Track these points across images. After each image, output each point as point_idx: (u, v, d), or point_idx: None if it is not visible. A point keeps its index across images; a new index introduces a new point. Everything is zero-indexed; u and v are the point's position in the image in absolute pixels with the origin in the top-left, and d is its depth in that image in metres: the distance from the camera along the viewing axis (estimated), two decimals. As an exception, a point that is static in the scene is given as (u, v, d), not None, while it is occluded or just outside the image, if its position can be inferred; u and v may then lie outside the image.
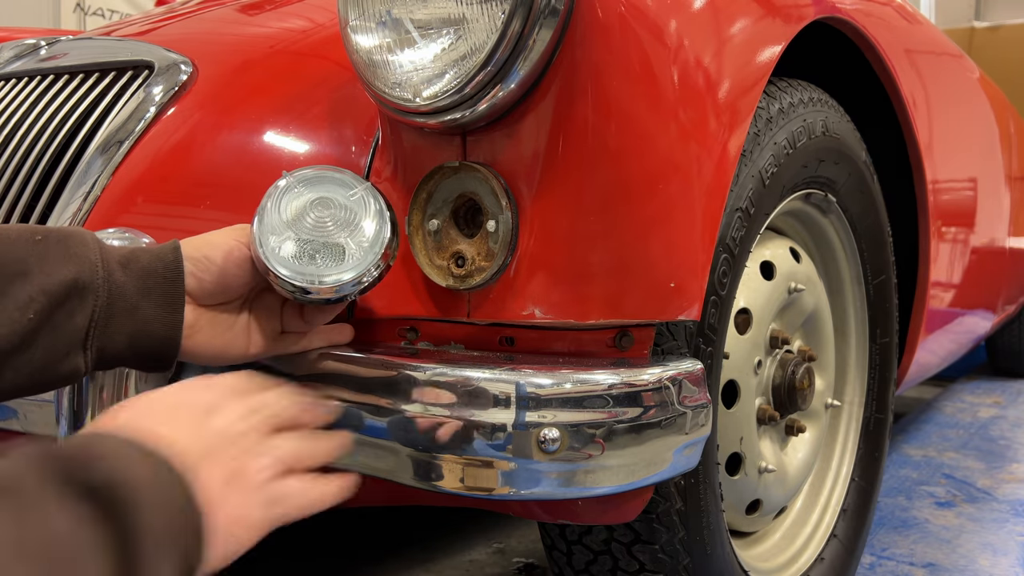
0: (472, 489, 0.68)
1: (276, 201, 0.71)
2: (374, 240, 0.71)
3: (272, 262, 0.69)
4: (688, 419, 0.74)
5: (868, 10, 1.24)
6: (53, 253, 0.64)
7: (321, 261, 0.70)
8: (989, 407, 2.88)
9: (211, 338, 0.71)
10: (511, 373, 0.67)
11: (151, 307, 0.68)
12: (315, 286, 0.69)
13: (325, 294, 0.69)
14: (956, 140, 1.66)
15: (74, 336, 0.65)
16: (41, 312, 0.63)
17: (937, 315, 1.63)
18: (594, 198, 0.71)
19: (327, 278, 0.69)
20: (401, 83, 0.72)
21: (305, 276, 0.69)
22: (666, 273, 0.74)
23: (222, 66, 0.97)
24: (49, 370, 0.65)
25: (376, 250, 0.70)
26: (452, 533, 1.64)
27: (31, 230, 0.65)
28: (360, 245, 0.70)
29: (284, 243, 0.70)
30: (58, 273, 0.64)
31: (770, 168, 0.94)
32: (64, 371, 0.65)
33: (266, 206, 0.71)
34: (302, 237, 0.70)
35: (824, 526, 1.26)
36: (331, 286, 0.69)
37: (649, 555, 0.87)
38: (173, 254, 0.69)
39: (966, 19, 5.99)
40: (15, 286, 0.62)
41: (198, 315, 0.71)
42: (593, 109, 0.70)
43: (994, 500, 1.88)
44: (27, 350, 0.63)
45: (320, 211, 0.71)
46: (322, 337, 0.76)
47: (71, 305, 0.64)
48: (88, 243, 0.67)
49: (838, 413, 1.32)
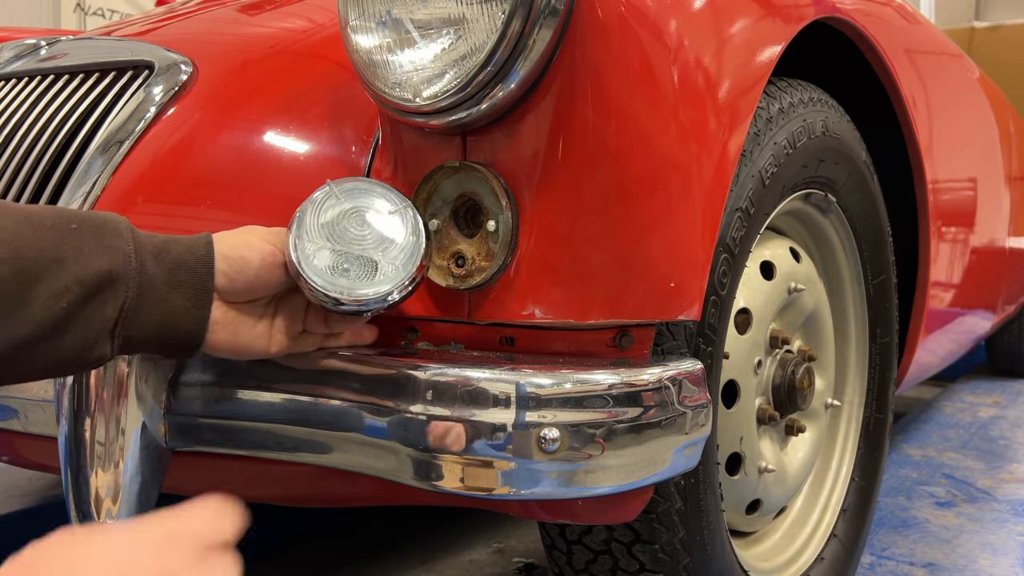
0: (472, 489, 0.68)
1: (316, 209, 0.71)
2: (409, 257, 0.71)
3: (306, 270, 0.69)
4: (688, 419, 0.74)
5: (868, 10, 1.24)
6: (88, 243, 0.65)
7: (355, 273, 0.70)
8: (989, 407, 2.88)
9: (234, 335, 0.72)
10: (511, 373, 0.67)
11: (179, 299, 0.68)
12: (347, 298, 0.69)
13: (356, 306, 0.70)
14: (956, 140, 1.66)
15: (103, 325, 0.66)
16: (74, 302, 0.64)
17: (937, 315, 1.63)
18: (594, 198, 0.71)
19: (359, 291, 0.70)
20: (401, 83, 0.72)
21: (338, 287, 0.69)
22: (666, 273, 0.74)
23: (222, 66, 0.97)
24: (77, 357, 0.66)
25: (410, 267, 0.71)
26: (452, 533, 1.64)
27: (66, 217, 0.66)
28: (394, 261, 0.71)
29: (319, 252, 0.70)
30: (93, 264, 0.64)
31: (770, 168, 0.94)
32: (91, 358, 0.66)
33: (305, 213, 0.71)
34: (338, 248, 0.71)
35: (824, 526, 1.26)
36: (363, 299, 0.69)
37: (649, 555, 0.87)
38: (205, 248, 0.70)
39: (966, 19, 5.99)
40: (50, 274, 0.63)
41: (224, 311, 0.71)
42: (593, 109, 0.70)
43: (994, 500, 1.88)
44: (58, 337, 0.64)
45: (358, 223, 0.72)
46: (345, 339, 0.77)
47: (103, 296, 0.65)
48: (122, 233, 0.67)
49: (838, 413, 1.32)
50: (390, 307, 0.72)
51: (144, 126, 0.91)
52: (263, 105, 0.91)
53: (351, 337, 0.77)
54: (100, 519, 0.77)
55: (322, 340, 0.76)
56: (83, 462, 0.77)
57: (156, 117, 0.92)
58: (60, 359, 0.65)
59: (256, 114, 0.90)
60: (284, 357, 0.76)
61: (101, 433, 0.77)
